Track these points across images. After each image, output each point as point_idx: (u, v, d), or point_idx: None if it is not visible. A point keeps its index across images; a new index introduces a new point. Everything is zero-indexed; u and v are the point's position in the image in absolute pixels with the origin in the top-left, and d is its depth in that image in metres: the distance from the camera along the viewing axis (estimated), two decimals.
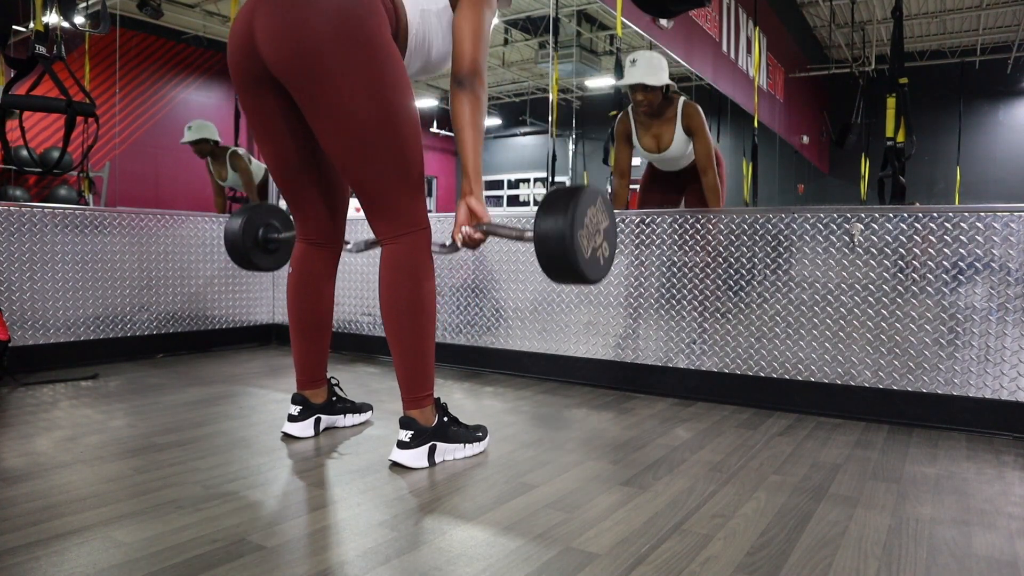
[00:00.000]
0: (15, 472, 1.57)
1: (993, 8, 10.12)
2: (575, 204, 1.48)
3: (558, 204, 1.49)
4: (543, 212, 1.50)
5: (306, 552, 1.20)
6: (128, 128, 9.24)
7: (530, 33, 10.89)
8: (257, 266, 2.19)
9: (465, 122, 1.64)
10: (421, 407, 1.69)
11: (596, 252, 1.55)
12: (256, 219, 2.16)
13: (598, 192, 1.58)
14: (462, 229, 1.67)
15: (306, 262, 1.88)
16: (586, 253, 1.51)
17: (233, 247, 2.14)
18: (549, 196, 1.53)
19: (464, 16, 1.72)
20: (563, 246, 1.47)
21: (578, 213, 1.48)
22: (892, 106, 3.17)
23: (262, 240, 2.17)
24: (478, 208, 1.67)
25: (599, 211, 1.57)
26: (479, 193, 1.67)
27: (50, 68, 2.73)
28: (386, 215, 1.66)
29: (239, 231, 2.12)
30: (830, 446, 1.94)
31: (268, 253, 2.21)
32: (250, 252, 2.15)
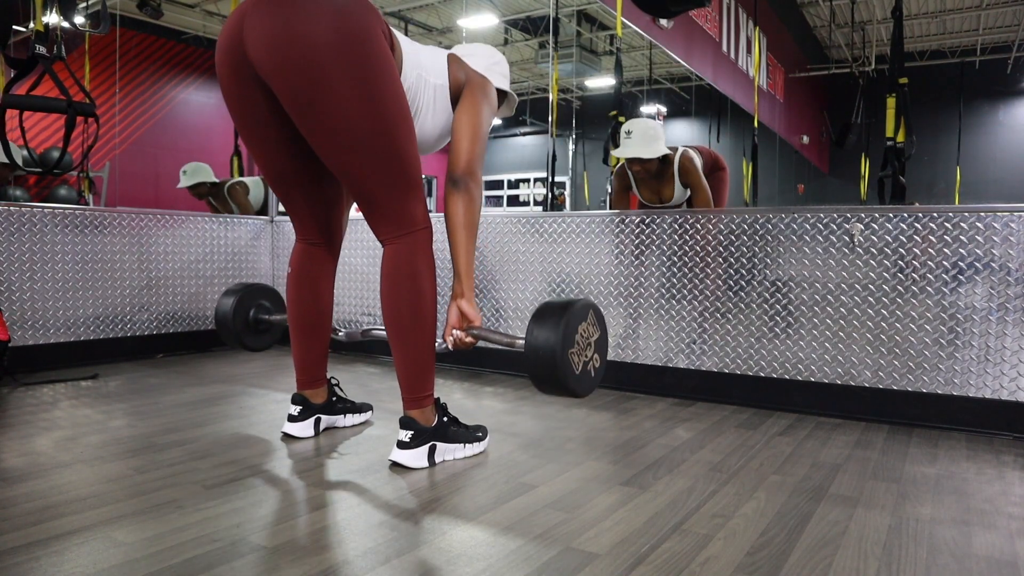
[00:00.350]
0: (15, 472, 1.57)
1: (993, 8, 10.12)
2: (565, 323, 1.48)
3: (550, 319, 1.49)
4: (535, 327, 1.50)
5: (306, 552, 1.20)
6: (128, 128, 9.25)
7: (530, 33, 10.89)
8: (248, 347, 2.22)
9: (458, 223, 1.65)
10: (421, 407, 1.69)
11: (587, 366, 1.56)
12: (247, 301, 2.18)
13: (590, 305, 1.59)
14: (453, 332, 1.68)
15: (305, 262, 1.88)
16: (576, 369, 1.52)
17: (224, 328, 2.17)
18: (541, 309, 1.53)
19: (464, 112, 1.72)
20: (553, 364, 1.47)
21: (568, 332, 1.49)
22: (892, 106, 3.17)
23: (252, 322, 2.20)
24: (469, 311, 1.67)
25: (590, 324, 1.58)
26: (470, 295, 1.67)
27: (50, 68, 2.73)
28: (385, 216, 1.66)
29: (230, 313, 2.15)
30: (830, 446, 1.94)
31: (259, 334, 2.24)
32: (241, 334, 2.18)
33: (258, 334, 2.22)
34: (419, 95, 1.70)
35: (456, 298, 1.68)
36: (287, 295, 1.90)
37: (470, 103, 1.74)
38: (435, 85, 1.72)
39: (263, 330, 2.22)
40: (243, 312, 2.16)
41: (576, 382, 1.51)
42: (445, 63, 1.77)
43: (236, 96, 1.64)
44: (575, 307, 1.52)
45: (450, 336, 1.68)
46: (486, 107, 1.76)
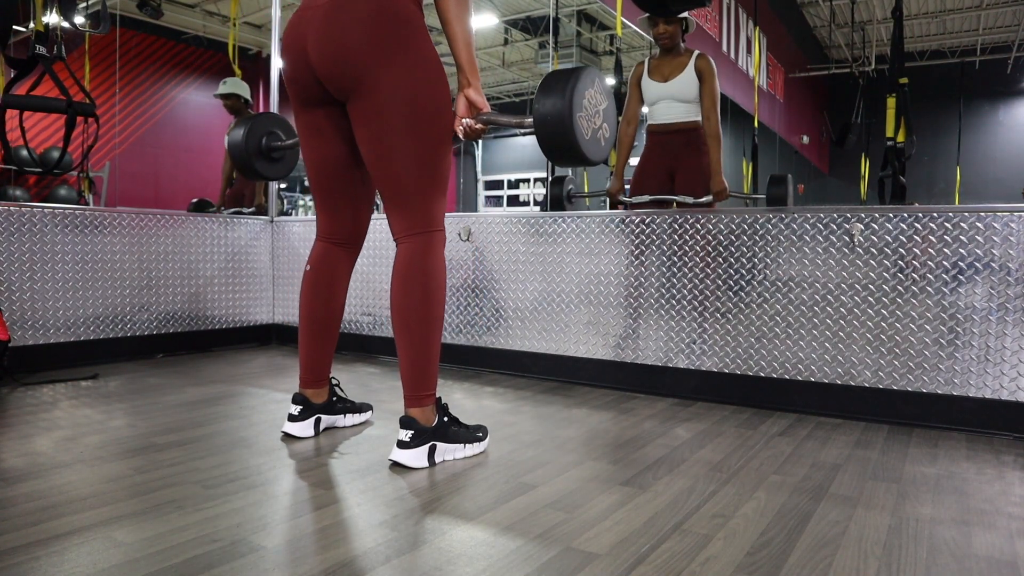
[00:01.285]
0: (15, 472, 1.57)
1: (993, 8, 10.12)
2: (573, 86, 1.48)
3: (556, 87, 1.49)
4: (542, 95, 1.50)
5: (306, 552, 1.20)
6: (128, 128, 9.25)
7: (530, 33, 10.89)
8: (261, 174, 2.19)
9: (452, 16, 1.66)
10: (423, 406, 1.69)
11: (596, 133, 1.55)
12: (259, 128, 2.16)
13: (596, 72, 1.58)
14: (463, 121, 1.70)
15: (326, 261, 1.91)
16: (586, 134, 1.51)
17: (236, 155, 2.14)
18: (547, 79, 1.54)
19: None
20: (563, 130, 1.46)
21: (576, 94, 1.48)
22: (892, 106, 3.17)
23: (265, 148, 2.17)
24: (477, 99, 1.70)
25: (597, 92, 1.57)
26: (477, 85, 1.70)
27: (50, 68, 2.73)
28: (408, 211, 1.70)
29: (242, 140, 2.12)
30: (830, 446, 1.94)
31: (271, 162, 2.21)
32: (253, 159, 2.15)
33: (271, 162, 2.20)
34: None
35: (463, 89, 1.71)
36: (302, 292, 1.92)
37: None
38: None
39: (276, 158, 2.21)
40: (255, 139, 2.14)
41: (587, 146, 1.51)
42: None
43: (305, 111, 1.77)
44: (581, 73, 1.52)
45: (459, 125, 1.71)
46: None
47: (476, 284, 3.03)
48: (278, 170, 2.24)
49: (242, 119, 2.18)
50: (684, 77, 3.20)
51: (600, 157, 1.59)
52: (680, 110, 3.24)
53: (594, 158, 1.56)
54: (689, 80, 3.20)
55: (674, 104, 3.24)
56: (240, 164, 2.15)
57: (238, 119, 2.20)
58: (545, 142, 1.51)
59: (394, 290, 1.69)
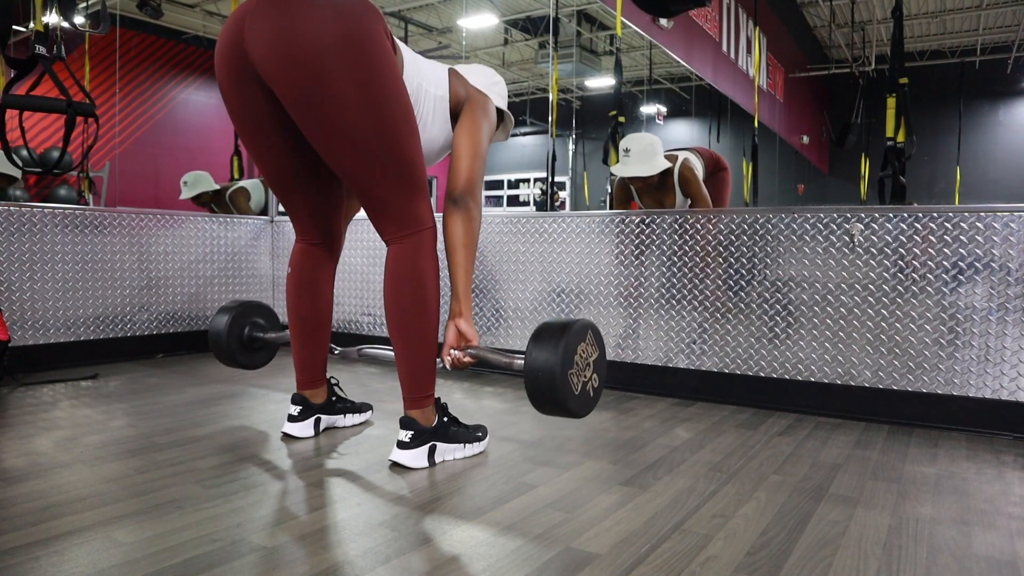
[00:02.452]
0: (15, 472, 1.57)
1: (993, 8, 10.12)
2: (564, 343, 1.48)
3: (549, 341, 1.49)
4: (534, 347, 1.50)
5: (306, 552, 1.20)
6: (128, 128, 9.25)
7: (530, 33, 10.89)
8: (243, 365, 2.21)
9: (457, 242, 1.64)
10: (422, 407, 1.69)
11: (586, 386, 1.56)
12: (241, 319, 2.18)
13: (588, 325, 1.58)
14: (451, 352, 1.67)
15: (305, 262, 1.87)
16: (576, 390, 1.52)
17: (217, 346, 2.16)
18: (540, 331, 1.52)
19: (465, 129, 1.71)
20: (552, 387, 1.47)
21: (567, 352, 1.48)
22: (892, 106, 3.17)
23: (247, 339, 2.19)
24: (467, 331, 1.66)
25: (589, 345, 1.57)
26: (468, 315, 1.66)
27: (50, 68, 2.73)
28: (390, 217, 1.65)
29: (224, 331, 2.14)
30: (830, 446, 1.94)
31: (253, 352, 2.23)
32: (235, 352, 2.17)
33: (252, 352, 2.22)
34: (419, 104, 1.68)
35: (454, 317, 1.67)
36: (287, 296, 1.90)
37: (471, 120, 1.73)
38: (435, 96, 1.72)
39: (257, 348, 2.22)
40: (237, 331, 2.16)
41: (575, 403, 1.51)
42: (446, 76, 1.77)
43: (236, 97, 1.62)
44: (574, 328, 1.52)
45: (448, 356, 1.68)
46: (486, 125, 1.75)
47: (476, 284, 3.03)
48: (260, 359, 2.27)
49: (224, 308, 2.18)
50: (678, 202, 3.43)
51: (588, 410, 1.58)
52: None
53: (581, 413, 1.56)
54: (683, 204, 3.44)
55: None
56: (220, 355, 2.17)
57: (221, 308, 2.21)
58: (534, 394, 1.51)
59: (386, 293, 1.66)
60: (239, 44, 1.54)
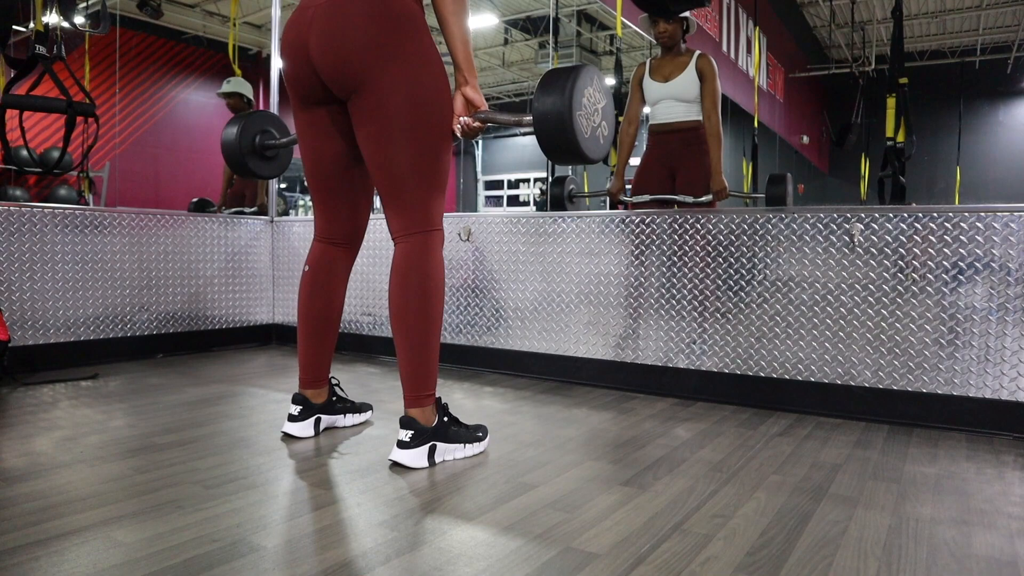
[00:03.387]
0: (15, 472, 1.57)
1: (993, 8, 10.12)
2: (572, 83, 1.47)
3: (555, 85, 1.49)
4: (541, 93, 1.49)
5: (306, 552, 1.20)
6: (128, 128, 9.25)
7: (530, 33, 10.89)
8: (254, 172, 2.17)
9: (448, 13, 1.65)
10: (422, 406, 1.69)
11: (596, 131, 1.55)
12: (252, 126, 2.14)
13: (595, 71, 1.58)
14: (460, 119, 1.70)
15: (324, 261, 1.90)
16: (586, 132, 1.51)
17: (230, 153, 2.12)
18: (546, 77, 1.54)
19: None
20: (563, 129, 1.46)
21: (576, 92, 1.47)
22: (892, 106, 3.17)
23: (259, 146, 2.16)
24: (474, 97, 1.70)
25: (596, 91, 1.57)
26: (474, 83, 1.70)
27: (50, 68, 2.73)
28: (407, 210, 1.69)
29: (235, 138, 2.11)
30: (830, 446, 1.94)
31: (265, 160, 2.19)
32: (247, 158, 2.13)
33: (265, 160, 2.19)
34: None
35: (460, 87, 1.70)
36: (300, 293, 1.91)
37: None
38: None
39: (270, 156, 2.20)
40: (248, 137, 2.13)
41: (586, 144, 1.50)
42: None
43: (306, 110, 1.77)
44: (580, 71, 1.52)
45: (457, 124, 1.70)
46: None
47: (476, 284, 3.03)
48: (271, 169, 2.23)
49: (235, 117, 2.17)
50: (685, 77, 3.21)
51: (599, 155, 1.59)
52: (681, 110, 3.24)
53: (593, 156, 1.56)
54: (690, 80, 3.21)
55: (675, 104, 3.25)
56: (233, 162, 2.14)
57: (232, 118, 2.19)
58: (544, 140, 1.51)
59: (392, 291, 1.69)
60: (305, 50, 1.67)
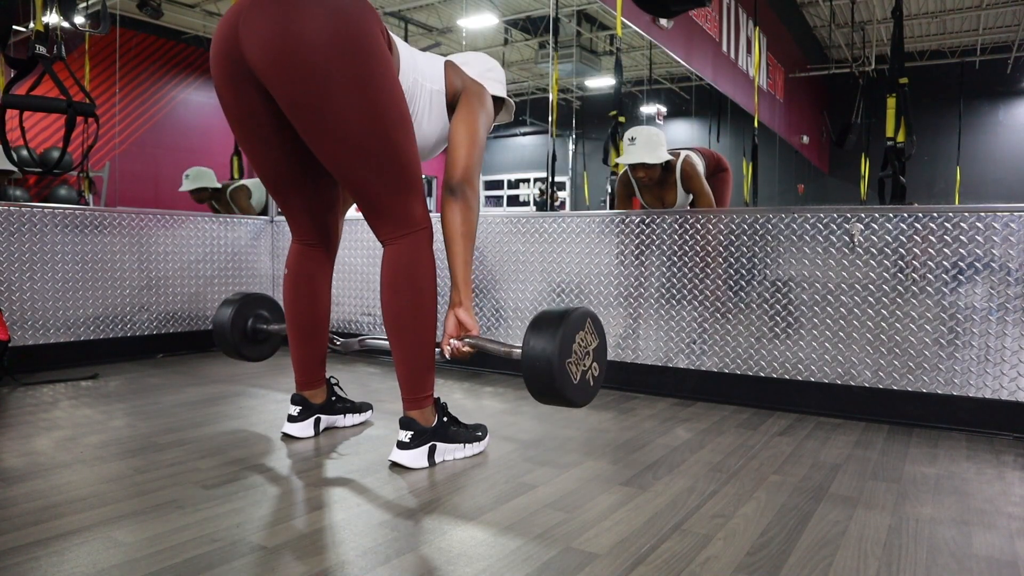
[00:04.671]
0: (15, 472, 1.57)
1: (993, 8, 10.12)
2: (562, 333, 1.46)
3: (546, 330, 1.47)
4: (531, 335, 1.49)
5: (306, 552, 1.20)
6: (128, 128, 9.24)
7: (530, 33, 10.89)
8: (246, 357, 2.21)
9: (456, 231, 1.63)
10: (421, 407, 1.69)
11: (585, 375, 1.54)
12: (245, 311, 2.17)
13: (587, 314, 1.56)
14: (450, 342, 1.67)
15: (301, 263, 1.87)
16: (575, 379, 1.50)
17: (222, 339, 2.15)
18: (537, 320, 1.51)
19: (461, 121, 1.70)
20: (550, 374, 1.45)
21: (564, 342, 1.47)
22: (892, 106, 3.17)
23: (251, 332, 2.19)
24: (467, 320, 1.66)
25: (588, 333, 1.56)
26: (468, 305, 1.66)
27: (50, 68, 2.73)
28: (385, 217, 1.65)
29: (228, 324, 2.14)
30: (830, 446, 1.94)
31: (257, 344, 2.23)
32: (239, 345, 2.16)
33: (256, 344, 2.22)
34: (416, 100, 1.69)
35: (454, 307, 1.67)
36: (284, 297, 1.89)
37: (467, 110, 1.73)
38: (431, 90, 1.72)
39: (261, 340, 2.22)
40: (241, 323, 2.16)
41: (574, 392, 1.50)
42: (442, 69, 1.77)
43: (232, 97, 1.62)
44: (572, 316, 1.50)
45: (447, 346, 1.68)
46: (483, 114, 1.75)
47: (476, 284, 3.03)
48: (263, 351, 2.27)
49: (226, 301, 2.18)
50: (680, 201, 3.44)
51: (586, 400, 1.56)
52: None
53: (580, 402, 1.54)
54: (684, 198, 3.45)
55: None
56: (224, 346, 2.17)
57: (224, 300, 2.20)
58: (531, 383, 1.50)
59: (384, 294, 1.66)
60: (234, 44, 1.54)
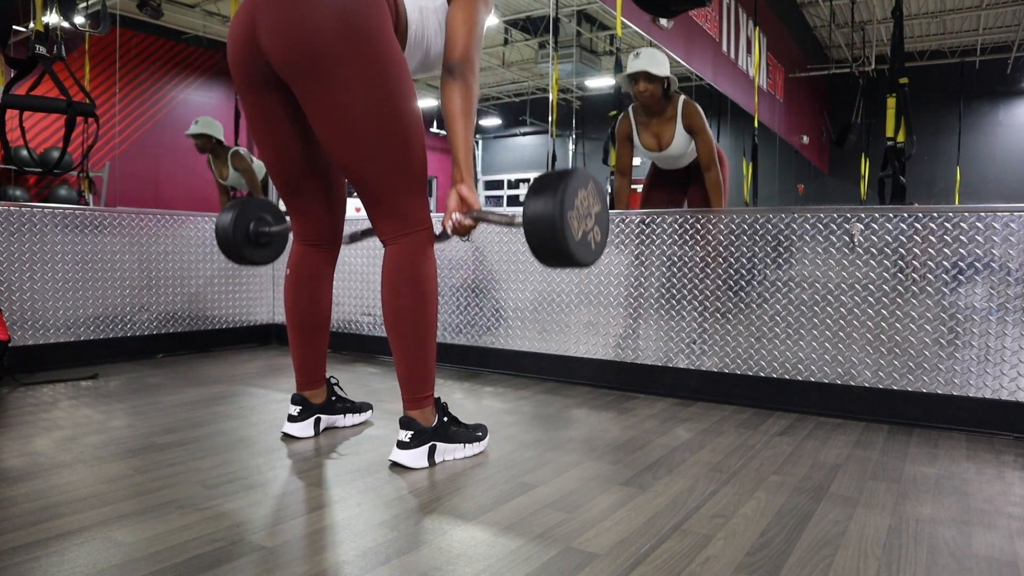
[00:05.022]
0: (15, 472, 1.57)
1: (993, 8, 10.12)
2: (564, 185, 1.46)
3: (547, 187, 1.48)
4: (532, 195, 1.49)
5: (306, 552, 1.20)
6: (128, 128, 9.24)
7: (530, 33, 10.89)
8: (250, 260, 2.18)
9: (456, 110, 1.64)
10: (421, 407, 1.69)
11: (587, 235, 1.53)
12: (247, 213, 2.15)
13: (589, 176, 1.57)
14: (453, 216, 1.68)
15: (304, 263, 1.88)
16: (576, 235, 1.49)
17: (224, 242, 2.13)
18: (539, 179, 1.53)
19: (458, 7, 1.72)
20: (552, 228, 1.44)
21: (567, 194, 1.46)
22: (892, 106, 3.17)
23: (253, 234, 2.16)
24: (469, 196, 1.67)
25: (590, 194, 1.55)
26: (470, 181, 1.68)
27: (50, 68, 2.73)
28: (388, 214, 1.67)
29: (229, 226, 2.11)
30: (830, 446, 1.94)
31: (260, 247, 2.20)
32: (241, 247, 2.14)
33: (260, 247, 2.20)
34: (424, 28, 1.71)
35: (455, 184, 1.68)
36: (285, 297, 1.90)
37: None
38: (435, 8, 1.73)
39: (264, 243, 2.20)
40: (243, 225, 2.14)
41: (576, 247, 1.48)
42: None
43: (250, 91, 1.68)
44: (575, 174, 1.51)
45: (449, 221, 1.68)
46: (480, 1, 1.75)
47: (476, 284, 3.03)
48: (267, 255, 2.24)
49: (229, 205, 2.17)
50: (677, 141, 3.24)
51: (590, 260, 1.55)
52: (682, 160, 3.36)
53: (584, 260, 1.53)
54: (683, 141, 3.24)
55: (674, 159, 3.35)
56: (228, 250, 2.15)
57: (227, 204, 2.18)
58: (534, 241, 1.48)
59: (385, 294, 1.67)
60: (252, 37, 1.60)
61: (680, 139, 3.22)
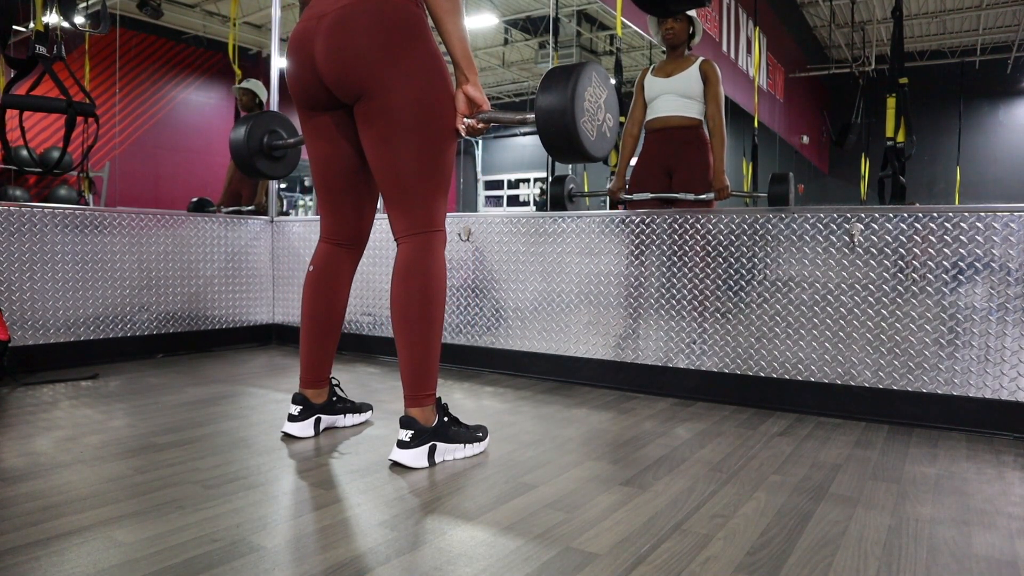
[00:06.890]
0: (15, 472, 1.57)
1: (993, 8, 10.13)
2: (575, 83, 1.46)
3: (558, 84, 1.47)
4: (543, 93, 1.48)
5: (306, 552, 1.20)
6: (128, 128, 9.24)
7: (530, 33, 10.89)
8: (262, 172, 2.18)
9: (442, 12, 1.63)
10: (423, 406, 1.69)
11: (600, 128, 1.53)
12: (260, 126, 2.15)
13: (595, 66, 1.56)
14: (463, 119, 1.68)
15: (329, 262, 1.91)
16: (591, 133, 1.49)
17: (238, 154, 2.14)
18: (548, 76, 1.53)
19: None
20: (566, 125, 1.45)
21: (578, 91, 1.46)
22: (892, 106, 3.17)
23: (267, 147, 2.17)
24: (476, 95, 1.68)
25: (598, 86, 1.55)
26: (475, 80, 1.68)
27: (50, 68, 2.73)
28: (409, 211, 1.70)
29: (243, 138, 2.12)
30: (830, 446, 1.94)
31: (273, 160, 2.20)
32: (255, 158, 2.14)
33: (272, 160, 2.20)
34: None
35: (461, 85, 1.68)
36: (304, 293, 1.92)
37: None
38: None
39: (278, 156, 2.21)
40: (256, 138, 2.14)
41: (590, 142, 1.50)
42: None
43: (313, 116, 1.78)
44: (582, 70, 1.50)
45: (460, 124, 1.69)
46: None
47: (476, 284, 3.03)
48: (279, 169, 2.24)
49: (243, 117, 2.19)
50: (687, 74, 3.21)
51: (603, 152, 1.58)
52: (680, 104, 3.23)
53: (597, 154, 1.56)
54: (692, 78, 3.20)
55: (675, 98, 3.23)
56: (241, 162, 2.15)
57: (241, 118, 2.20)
58: (548, 139, 1.50)
59: (394, 290, 1.70)
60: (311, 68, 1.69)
61: (690, 75, 3.20)
